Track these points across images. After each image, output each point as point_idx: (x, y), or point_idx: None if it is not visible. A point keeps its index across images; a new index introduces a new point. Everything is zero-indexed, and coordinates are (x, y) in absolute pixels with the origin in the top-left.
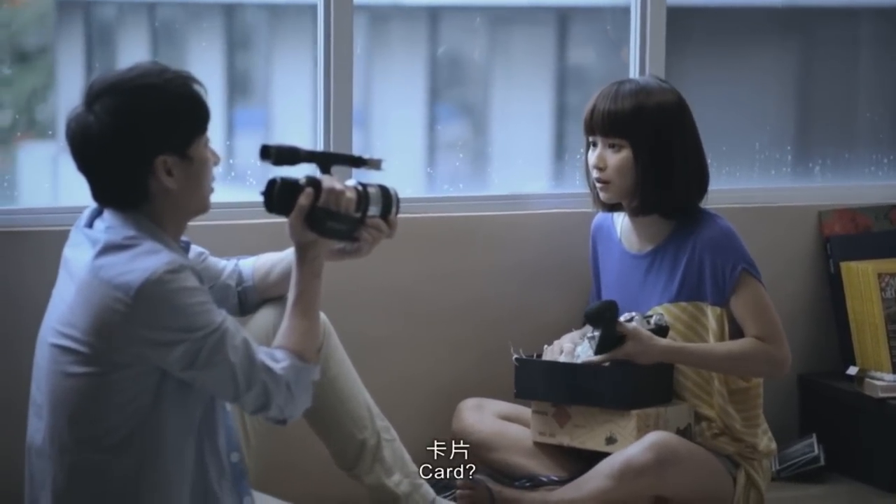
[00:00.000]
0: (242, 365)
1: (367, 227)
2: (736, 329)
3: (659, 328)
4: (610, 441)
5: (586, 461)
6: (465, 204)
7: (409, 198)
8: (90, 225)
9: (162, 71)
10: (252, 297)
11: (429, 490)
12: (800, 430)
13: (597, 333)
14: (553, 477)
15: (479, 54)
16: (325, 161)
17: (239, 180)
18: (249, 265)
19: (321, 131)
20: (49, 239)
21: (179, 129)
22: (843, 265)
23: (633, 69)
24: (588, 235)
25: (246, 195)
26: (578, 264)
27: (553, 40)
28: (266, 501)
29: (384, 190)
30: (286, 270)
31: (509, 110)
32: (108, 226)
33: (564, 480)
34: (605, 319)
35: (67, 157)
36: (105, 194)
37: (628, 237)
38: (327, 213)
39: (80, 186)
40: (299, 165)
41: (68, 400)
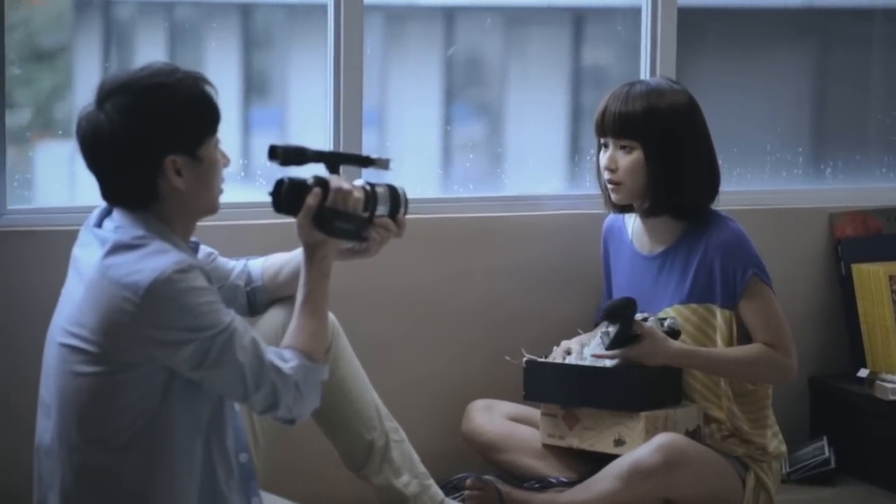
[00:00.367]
0: (251, 365)
1: (376, 226)
2: (744, 332)
3: (672, 331)
4: (619, 443)
5: (595, 463)
6: (477, 205)
7: (423, 198)
8: (99, 224)
9: (173, 71)
10: (261, 298)
11: (437, 491)
12: (810, 432)
13: (611, 329)
14: (562, 478)
15: (493, 55)
16: (333, 161)
17: (249, 180)
18: (258, 265)
19: (331, 131)
20: (65, 239)
21: (189, 130)
22: (854, 267)
23: (643, 70)
24: (600, 237)
25: (258, 195)
26: (590, 265)
27: (568, 41)
28: (274, 502)
29: (392, 189)
30: (295, 270)
31: (524, 111)
32: (118, 225)
33: (573, 482)
34: (625, 316)
35: None
36: (114, 194)
37: (640, 238)
38: (335, 213)
39: (97, 186)
40: (307, 165)
41: (76, 399)
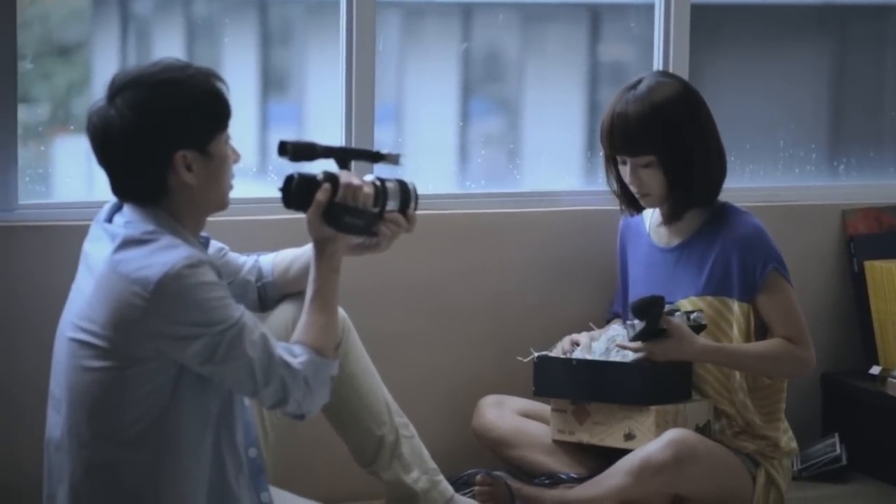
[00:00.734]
0: (261, 360)
1: (386, 221)
2: (759, 325)
3: (698, 325)
4: (628, 437)
5: (606, 459)
6: (493, 200)
7: (439, 194)
8: (110, 220)
9: (184, 67)
10: (272, 293)
11: (447, 487)
12: (822, 429)
13: (636, 322)
14: (572, 474)
15: (510, 51)
16: (343, 156)
17: (264, 175)
18: (269, 261)
19: (343, 126)
20: (76, 233)
21: (200, 125)
22: (867, 264)
23: (656, 66)
24: (616, 232)
25: (272, 191)
26: (605, 261)
27: (585, 37)
28: (284, 497)
29: (402, 184)
30: (305, 266)
31: (540, 107)
32: (128, 220)
33: (584, 478)
34: (652, 315)
35: None
36: (124, 189)
37: (657, 231)
38: (345, 209)
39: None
40: (318, 161)
41: (86, 394)
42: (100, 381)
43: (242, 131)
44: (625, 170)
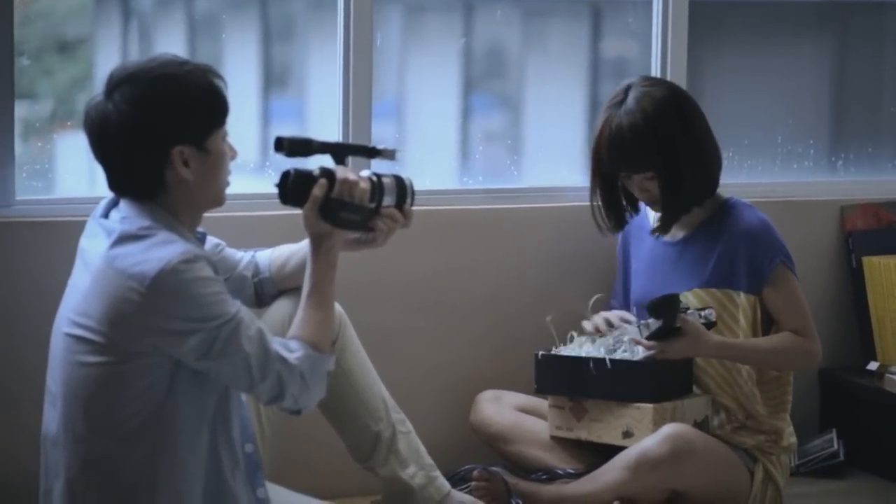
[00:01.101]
0: (257, 355)
1: (382, 217)
2: (764, 318)
3: (709, 322)
4: (626, 435)
5: (603, 454)
6: (492, 196)
7: (437, 189)
8: (106, 215)
9: (182, 62)
10: (268, 289)
11: (444, 482)
12: (820, 425)
13: (650, 321)
14: (569, 470)
15: (511, 46)
16: (340, 152)
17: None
18: (266, 256)
19: (340, 122)
20: (73, 229)
21: (197, 121)
22: (865, 260)
23: (654, 63)
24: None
25: (270, 186)
26: (603, 258)
27: (586, 33)
28: (280, 493)
29: (399, 180)
30: (302, 261)
31: (541, 103)
32: (124, 216)
33: (581, 473)
34: (668, 314)
35: None
36: (121, 184)
37: None
38: (341, 204)
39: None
40: (314, 157)
41: (82, 389)
42: (96, 376)
43: (243, 127)
44: (631, 184)
